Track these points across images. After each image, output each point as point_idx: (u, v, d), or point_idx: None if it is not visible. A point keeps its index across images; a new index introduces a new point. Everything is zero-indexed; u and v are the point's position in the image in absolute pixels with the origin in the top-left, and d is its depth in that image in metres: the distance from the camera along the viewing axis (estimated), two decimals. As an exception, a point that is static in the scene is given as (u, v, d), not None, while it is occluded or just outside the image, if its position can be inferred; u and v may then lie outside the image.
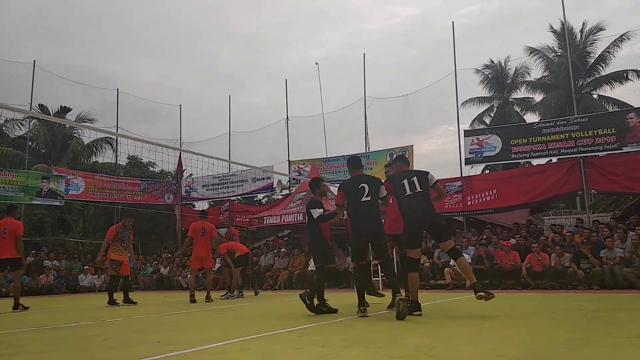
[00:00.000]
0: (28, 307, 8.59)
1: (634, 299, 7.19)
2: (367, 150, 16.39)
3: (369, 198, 5.54)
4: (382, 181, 5.93)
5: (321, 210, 6.20)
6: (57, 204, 16.71)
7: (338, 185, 6.55)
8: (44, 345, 4.18)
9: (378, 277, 11.40)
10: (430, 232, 5.90)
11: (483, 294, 5.21)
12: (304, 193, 15.10)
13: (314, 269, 13.46)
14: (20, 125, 23.43)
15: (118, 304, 9.08)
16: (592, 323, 4.60)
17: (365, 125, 16.65)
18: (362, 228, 5.58)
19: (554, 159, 14.39)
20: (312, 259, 13.79)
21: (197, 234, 9.68)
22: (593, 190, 12.92)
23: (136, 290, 14.89)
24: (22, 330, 5.43)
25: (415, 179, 5.53)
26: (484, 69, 25.40)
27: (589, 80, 22.83)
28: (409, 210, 5.51)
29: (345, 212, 5.87)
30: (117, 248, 9.34)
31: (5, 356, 3.64)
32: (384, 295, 6.45)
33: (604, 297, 7.62)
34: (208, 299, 9.38)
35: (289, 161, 17.82)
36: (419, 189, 5.47)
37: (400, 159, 6.30)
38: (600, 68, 22.34)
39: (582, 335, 3.80)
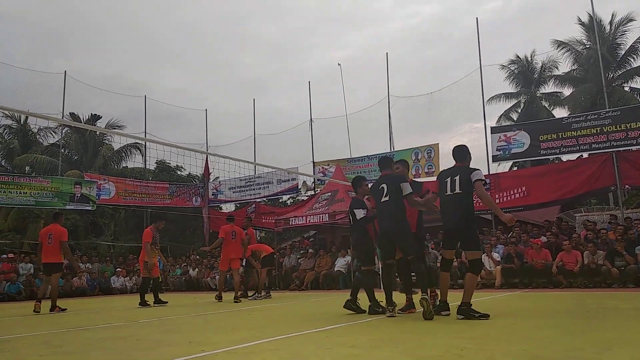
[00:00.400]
0: (65, 309, 8.89)
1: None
2: (392, 150, 16.29)
3: (387, 198, 5.58)
4: (405, 179, 5.76)
5: (364, 210, 6.16)
6: (89, 208, 17.18)
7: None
8: (81, 345, 4.31)
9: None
10: (457, 236, 5.45)
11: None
12: (329, 194, 15.12)
13: (341, 269, 13.51)
14: (53, 133, 24.23)
15: (149, 305, 9.33)
16: (629, 323, 4.47)
17: (390, 124, 16.56)
18: (382, 228, 5.68)
19: (585, 155, 14.02)
20: (337, 259, 13.81)
21: (228, 237, 10.06)
22: (627, 186, 12.53)
23: (165, 291, 15.16)
24: (59, 331, 5.60)
25: (457, 178, 5.24)
26: (509, 64, 24.91)
27: (620, 72, 22.15)
28: (445, 210, 5.39)
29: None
30: (151, 250, 9.63)
31: (44, 356, 3.77)
32: (417, 293, 6.33)
33: (638, 295, 7.39)
34: (236, 299, 9.58)
35: (313, 162, 17.87)
36: (457, 190, 5.23)
37: (402, 163, 6.42)
38: (632, 60, 21.65)
39: (618, 336, 3.70)
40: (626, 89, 21.87)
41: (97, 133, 24.49)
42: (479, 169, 5.29)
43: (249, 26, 71.29)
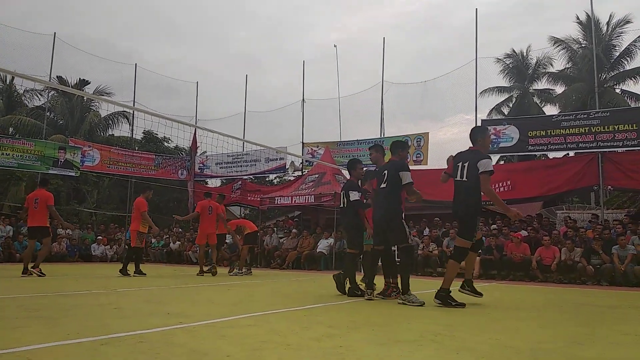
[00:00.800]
0: (44, 275, 8.84)
1: (645, 297, 7.12)
2: (382, 136, 16.28)
3: (385, 185, 5.56)
4: (405, 167, 5.59)
5: (359, 193, 6.17)
6: (73, 174, 16.95)
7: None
8: (58, 311, 4.28)
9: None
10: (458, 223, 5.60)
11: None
12: (316, 175, 15.12)
13: (323, 250, 13.61)
14: (39, 96, 23.73)
15: (130, 274, 9.35)
16: (601, 319, 4.58)
17: (382, 110, 16.51)
18: (376, 215, 5.72)
19: (572, 153, 14.16)
20: (320, 240, 13.89)
21: (205, 212, 10.26)
22: (609, 187, 12.72)
23: (146, 262, 15.13)
24: (36, 295, 5.56)
25: (466, 164, 5.06)
26: (505, 58, 24.93)
27: (613, 74, 22.31)
28: (454, 197, 5.29)
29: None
30: (145, 220, 9.74)
31: (20, 319, 3.74)
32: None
33: (613, 293, 7.57)
34: (209, 271, 9.90)
35: (302, 143, 17.80)
36: (464, 178, 5.09)
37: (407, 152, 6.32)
38: (625, 62, 21.81)
39: (590, 331, 3.79)
40: (617, 91, 22.07)
41: (85, 99, 24.03)
42: (487, 158, 4.99)
43: (246, 0, 70.08)
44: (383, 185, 5.57)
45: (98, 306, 4.66)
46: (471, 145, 5.27)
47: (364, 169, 6.76)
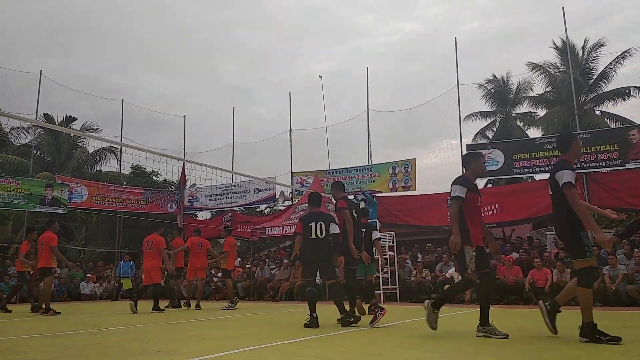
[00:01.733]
0: (59, 312, 9.22)
1: (638, 316, 7.15)
2: (370, 163, 16.43)
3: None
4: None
5: (337, 226, 6.42)
6: (60, 212, 16.75)
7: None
8: (46, 352, 4.19)
9: (380, 289, 11.37)
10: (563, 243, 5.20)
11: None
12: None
13: (317, 280, 13.47)
14: (25, 134, 23.61)
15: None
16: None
17: (368, 138, 16.71)
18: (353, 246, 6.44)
19: (557, 175, 14.37)
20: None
21: (195, 247, 10.65)
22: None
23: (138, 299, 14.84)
24: (24, 337, 5.43)
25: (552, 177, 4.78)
26: (486, 83, 25.47)
27: (592, 96, 22.87)
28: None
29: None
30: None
31: (7, 363, 3.66)
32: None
33: (607, 314, 7.58)
34: (198, 307, 10.31)
35: (291, 172, 17.87)
36: (552, 192, 4.83)
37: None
38: (603, 84, 22.38)
39: (586, 353, 3.79)
40: (597, 112, 22.58)
41: (72, 135, 23.99)
42: (566, 168, 4.50)
43: (232, 34, 71.32)
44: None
45: (87, 346, 4.57)
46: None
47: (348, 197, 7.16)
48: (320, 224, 6.29)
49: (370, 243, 8.70)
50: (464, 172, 5.26)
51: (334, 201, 6.89)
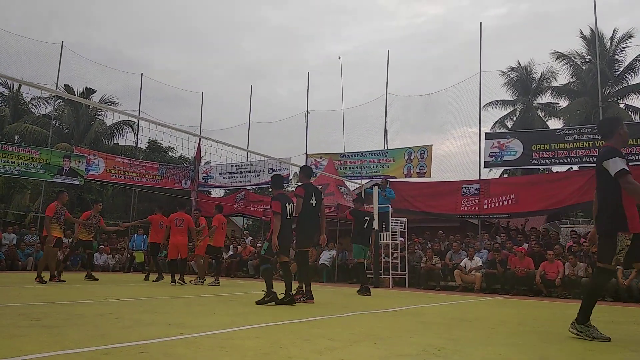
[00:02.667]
0: (46, 282, 9.35)
1: (650, 313, 7.05)
2: (386, 148, 16.31)
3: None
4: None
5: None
6: (77, 182, 17.01)
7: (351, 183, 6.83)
8: (59, 320, 4.28)
9: (389, 274, 11.40)
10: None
11: None
12: (320, 187, 15.11)
13: (325, 262, 13.55)
14: (45, 104, 23.93)
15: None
16: (606, 334, 4.52)
17: (385, 122, 16.55)
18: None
19: (575, 167, 14.13)
20: (323, 252, 13.84)
21: (221, 225, 10.84)
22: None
23: (149, 272, 15.08)
24: (38, 304, 5.56)
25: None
26: (509, 71, 24.98)
27: (617, 88, 22.32)
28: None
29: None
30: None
31: (22, 327, 3.74)
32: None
33: (617, 309, 7.50)
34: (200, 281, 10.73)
35: (306, 154, 17.84)
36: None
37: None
38: (629, 77, 21.83)
39: (595, 347, 3.75)
40: (621, 105, 22.06)
41: (90, 107, 24.21)
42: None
43: (252, 11, 70.79)
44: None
45: (99, 316, 4.65)
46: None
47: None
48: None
49: (369, 231, 9.60)
50: (607, 142, 4.23)
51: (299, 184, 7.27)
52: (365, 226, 9.34)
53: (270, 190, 9.22)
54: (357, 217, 9.33)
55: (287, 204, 6.44)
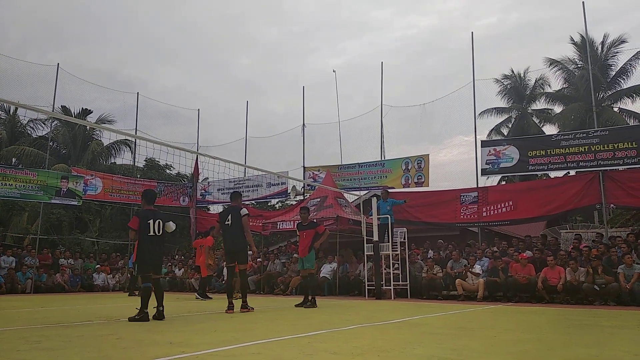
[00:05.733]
0: None
1: (653, 317, 7.02)
2: (383, 159, 16.34)
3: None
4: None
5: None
6: (75, 203, 16.96)
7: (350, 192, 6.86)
8: (60, 342, 4.24)
9: (390, 285, 11.34)
10: None
11: None
12: (318, 199, 15.12)
13: (326, 275, 13.49)
14: (42, 125, 23.96)
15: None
16: (609, 340, 4.51)
17: (382, 133, 16.59)
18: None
19: (572, 172, 14.17)
20: (323, 265, 13.78)
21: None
22: (612, 205, 12.68)
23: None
24: (37, 327, 5.51)
25: None
26: (503, 79, 25.21)
27: (610, 93, 22.51)
28: None
29: None
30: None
31: (22, 352, 3.71)
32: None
33: (621, 313, 7.47)
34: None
35: (304, 167, 17.85)
36: None
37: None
38: (622, 81, 22.03)
39: (599, 352, 3.73)
40: (615, 109, 22.22)
41: (87, 128, 24.25)
42: None
43: (247, 27, 71.40)
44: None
45: (100, 337, 4.62)
46: None
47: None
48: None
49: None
50: None
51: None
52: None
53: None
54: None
55: (149, 220, 6.52)
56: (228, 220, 7.56)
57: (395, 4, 74.54)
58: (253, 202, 19.37)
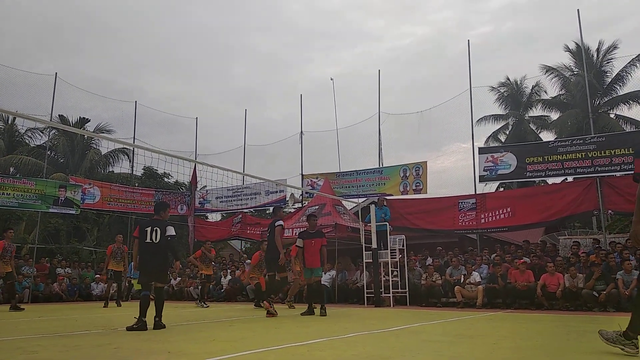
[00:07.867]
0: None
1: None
2: (381, 166, 16.37)
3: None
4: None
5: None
6: (73, 212, 16.92)
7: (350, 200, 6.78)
8: (57, 352, 4.22)
9: (389, 293, 11.31)
10: None
11: None
12: (317, 207, 15.11)
13: (325, 283, 13.44)
14: (40, 135, 23.96)
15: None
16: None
17: (379, 141, 16.63)
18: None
19: (570, 178, 14.20)
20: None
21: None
22: (609, 211, 12.70)
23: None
24: (34, 337, 5.48)
25: None
26: (499, 86, 25.33)
27: (606, 99, 22.63)
28: None
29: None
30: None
31: (19, 362, 3.69)
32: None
33: (621, 319, 7.44)
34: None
35: (302, 175, 17.87)
36: None
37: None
38: (618, 87, 22.14)
39: (599, 359, 3.72)
40: (611, 115, 22.32)
41: (85, 137, 24.25)
42: None
43: (244, 37, 71.76)
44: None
45: (97, 347, 4.59)
46: None
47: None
48: (156, 228, 6.51)
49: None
50: None
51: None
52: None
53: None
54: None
55: (146, 228, 6.48)
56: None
57: (389, 14, 75.12)
58: (251, 209, 19.36)
